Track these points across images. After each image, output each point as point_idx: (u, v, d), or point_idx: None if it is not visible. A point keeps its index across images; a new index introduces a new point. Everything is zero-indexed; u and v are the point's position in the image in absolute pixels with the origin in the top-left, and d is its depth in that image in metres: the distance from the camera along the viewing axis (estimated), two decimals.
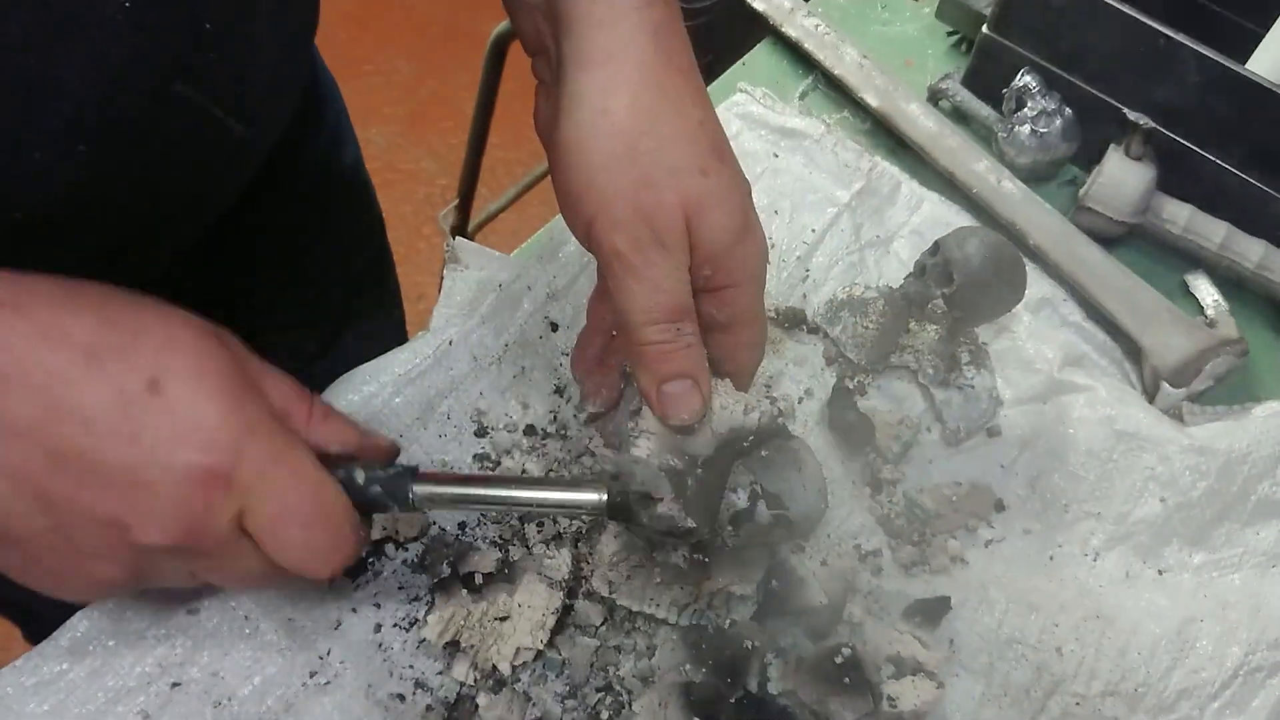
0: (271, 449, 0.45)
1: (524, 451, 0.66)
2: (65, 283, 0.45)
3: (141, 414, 0.43)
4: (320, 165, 0.89)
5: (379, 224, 1.05)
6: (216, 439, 0.44)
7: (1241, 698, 0.64)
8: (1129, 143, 0.80)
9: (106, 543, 0.44)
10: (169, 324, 0.45)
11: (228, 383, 0.45)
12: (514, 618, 0.60)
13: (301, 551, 0.47)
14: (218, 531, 0.45)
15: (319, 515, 0.47)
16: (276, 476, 0.45)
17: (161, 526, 0.44)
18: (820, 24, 0.91)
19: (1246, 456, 0.70)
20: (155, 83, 0.49)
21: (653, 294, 0.50)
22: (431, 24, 2.53)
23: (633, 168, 0.49)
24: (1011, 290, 0.67)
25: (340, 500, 0.48)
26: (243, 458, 0.44)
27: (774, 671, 0.59)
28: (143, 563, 0.46)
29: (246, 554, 0.47)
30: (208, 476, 0.44)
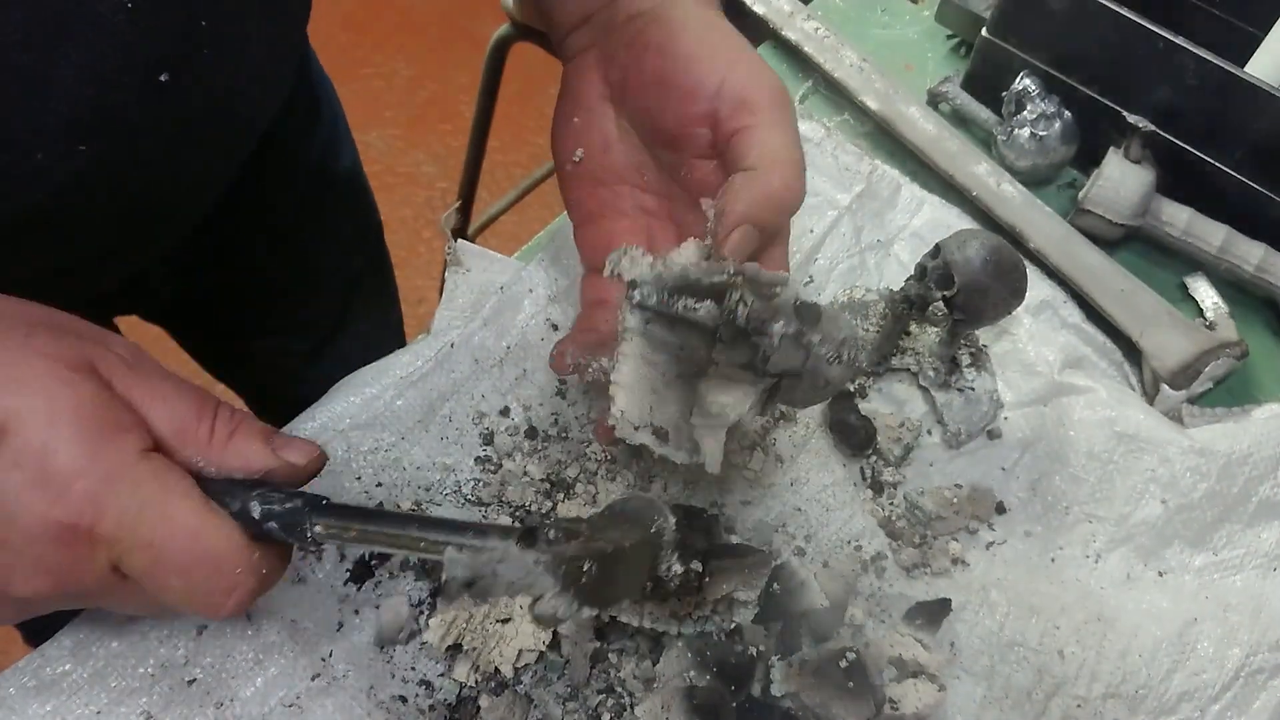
0: (136, 497, 0.41)
1: (525, 454, 0.66)
2: None
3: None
4: (317, 167, 0.89)
5: (377, 227, 1.05)
6: (71, 492, 0.40)
7: (1242, 699, 0.64)
8: (1128, 145, 0.81)
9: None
10: (23, 359, 0.41)
11: (86, 425, 0.41)
12: (515, 620, 0.60)
13: (184, 597, 0.44)
14: (92, 580, 0.42)
15: (197, 560, 0.43)
16: (144, 524, 0.42)
17: (27, 581, 0.42)
18: (820, 27, 0.91)
19: (1247, 458, 0.70)
20: (150, 80, 0.49)
21: (792, 134, 0.55)
22: (431, 27, 2.54)
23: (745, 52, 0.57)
24: (1012, 293, 0.67)
25: (226, 541, 0.44)
26: (103, 510, 0.41)
27: (777, 675, 0.59)
28: (32, 607, 0.44)
29: (135, 594, 0.44)
30: (65, 533, 0.40)
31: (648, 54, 0.57)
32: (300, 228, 0.91)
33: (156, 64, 0.49)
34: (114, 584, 0.43)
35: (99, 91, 0.47)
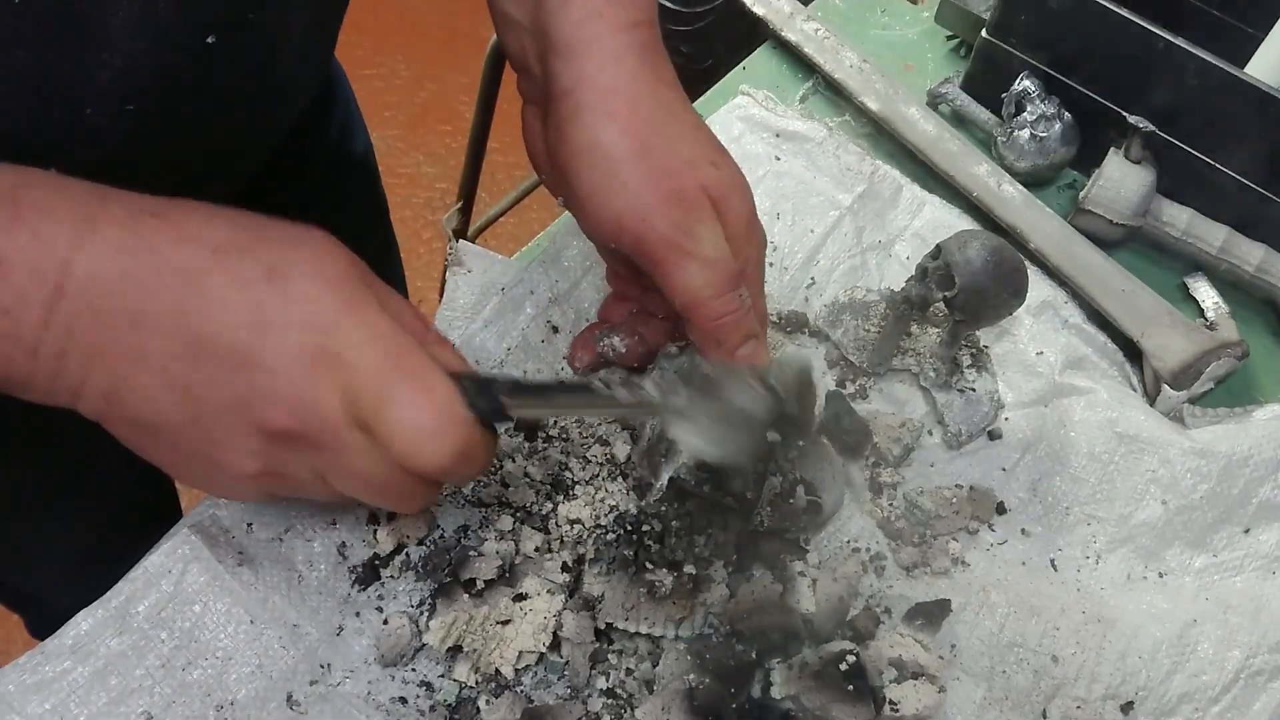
0: (377, 334, 0.46)
1: (525, 455, 0.66)
2: (206, 203, 0.47)
3: (259, 298, 0.45)
4: (333, 151, 0.91)
5: (385, 212, 1.07)
6: (325, 321, 0.45)
7: (1242, 701, 0.64)
8: (1129, 146, 0.81)
9: (237, 429, 0.46)
10: (297, 229, 0.48)
11: (345, 281, 0.47)
12: (515, 621, 0.60)
13: (406, 434, 0.47)
14: (329, 417, 0.46)
15: (422, 397, 0.47)
16: (381, 358, 0.46)
17: (278, 406, 0.45)
18: (820, 28, 0.91)
19: (1248, 459, 0.70)
20: (199, 42, 0.51)
21: (709, 267, 0.53)
22: (431, 27, 2.53)
23: (649, 160, 0.53)
24: (1013, 293, 0.67)
25: (445, 387, 0.48)
26: (349, 339, 0.46)
27: (777, 678, 0.59)
28: (273, 456, 0.47)
29: (362, 450, 0.47)
30: (316, 354, 0.45)
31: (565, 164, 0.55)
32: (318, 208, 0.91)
33: (205, 26, 0.51)
34: (346, 431, 0.46)
35: (152, 48, 0.49)
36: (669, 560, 0.59)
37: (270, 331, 0.45)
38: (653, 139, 0.53)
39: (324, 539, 0.61)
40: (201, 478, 0.50)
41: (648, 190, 0.53)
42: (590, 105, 0.54)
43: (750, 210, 0.56)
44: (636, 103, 0.54)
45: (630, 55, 0.54)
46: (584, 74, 0.54)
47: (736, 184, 0.56)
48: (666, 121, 0.54)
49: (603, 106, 0.53)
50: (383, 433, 0.47)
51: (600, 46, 0.54)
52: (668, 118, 0.55)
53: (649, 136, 0.53)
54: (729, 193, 0.55)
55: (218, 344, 0.44)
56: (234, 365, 0.45)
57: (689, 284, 0.53)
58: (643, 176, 0.53)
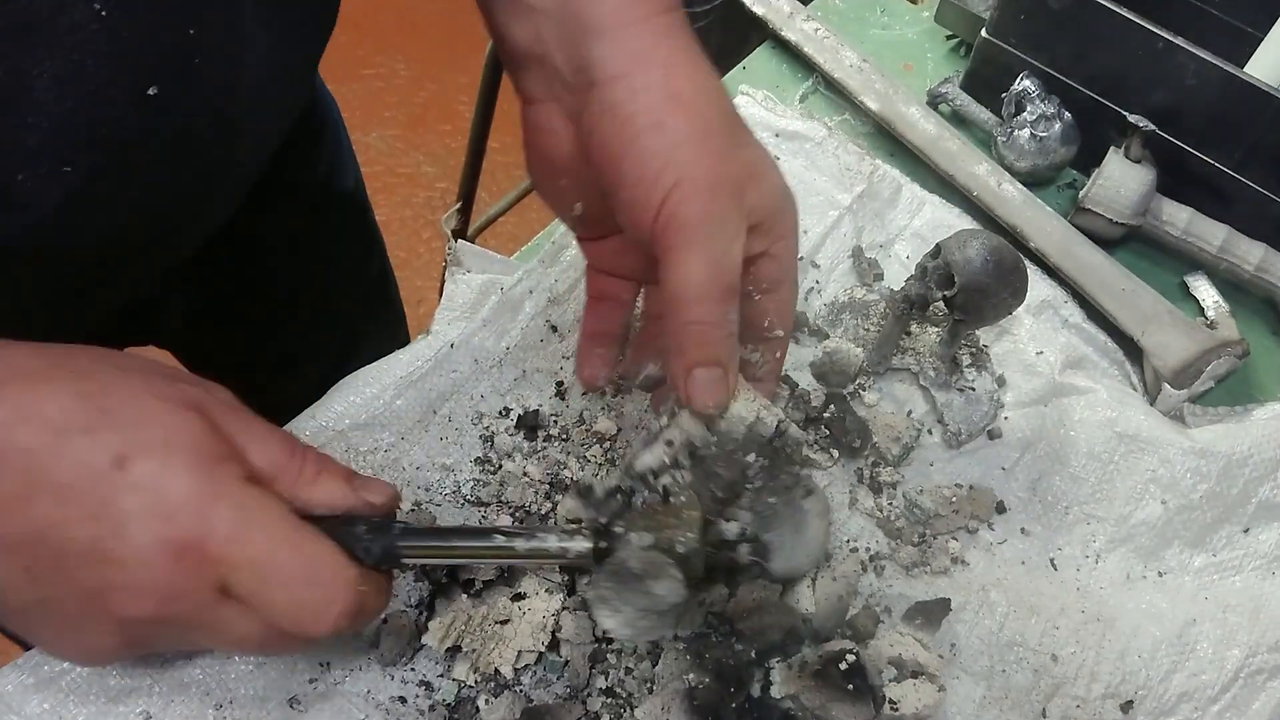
0: (242, 515, 0.45)
1: (525, 455, 0.66)
2: (48, 353, 0.45)
3: (109, 490, 0.43)
4: (322, 189, 0.89)
5: (380, 244, 1.05)
6: (182, 512, 0.44)
7: (1242, 700, 0.64)
8: (1128, 145, 0.81)
9: (92, 614, 0.45)
10: (141, 399, 0.45)
11: (197, 455, 0.45)
12: (514, 621, 0.59)
13: (289, 612, 0.46)
14: (195, 600, 0.45)
15: (300, 571, 0.46)
16: (250, 541, 0.45)
17: (136, 600, 0.44)
18: (819, 28, 0.91)
19: (1247, 459, 0.70)
20: (138, 93, 0.48)
21: (712, 267, 0.49)
22: (430, 27, 2.53)
23: (709, 143, 0.50)
24: (1012, 293, 0.67)
25: (326, 552, 0.47)
26: (212, 527, 0.44)
27: (777, 677, 0.59)
28: (133, 633, 0.46)
29: (237, 619, 0.46)
30: (176, 550, 0.43)
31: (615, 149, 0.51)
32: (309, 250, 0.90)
33: (143, 75, 0.48)
34: (218, 607, 0.45)
35: (81, 105, 0.46)
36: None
37: (123, 525, 0.43)
38: (714, 122, 0.51)
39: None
40: (56, 650, 0.50)
41: (703, 172, 0.50)
42: (655, 85, 0.51)
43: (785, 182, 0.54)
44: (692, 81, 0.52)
45: (679, 35, 0.53)
46: (640, 53, 0.51)
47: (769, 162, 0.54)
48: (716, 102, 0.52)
49: (668, 87, 0.51)
50: (265, 613, 0.46)
51: (653, 27, 0.52)
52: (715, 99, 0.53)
53: (711, 119, 0.51)
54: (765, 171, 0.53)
55: (68, 535, 0.43)
56: (85, 559, 0.43)
57: (685, 276, 0.49)
58: (703, 159, 0.50)
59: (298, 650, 0.53)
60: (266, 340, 0.95)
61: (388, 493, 0.52)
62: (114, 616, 0.45)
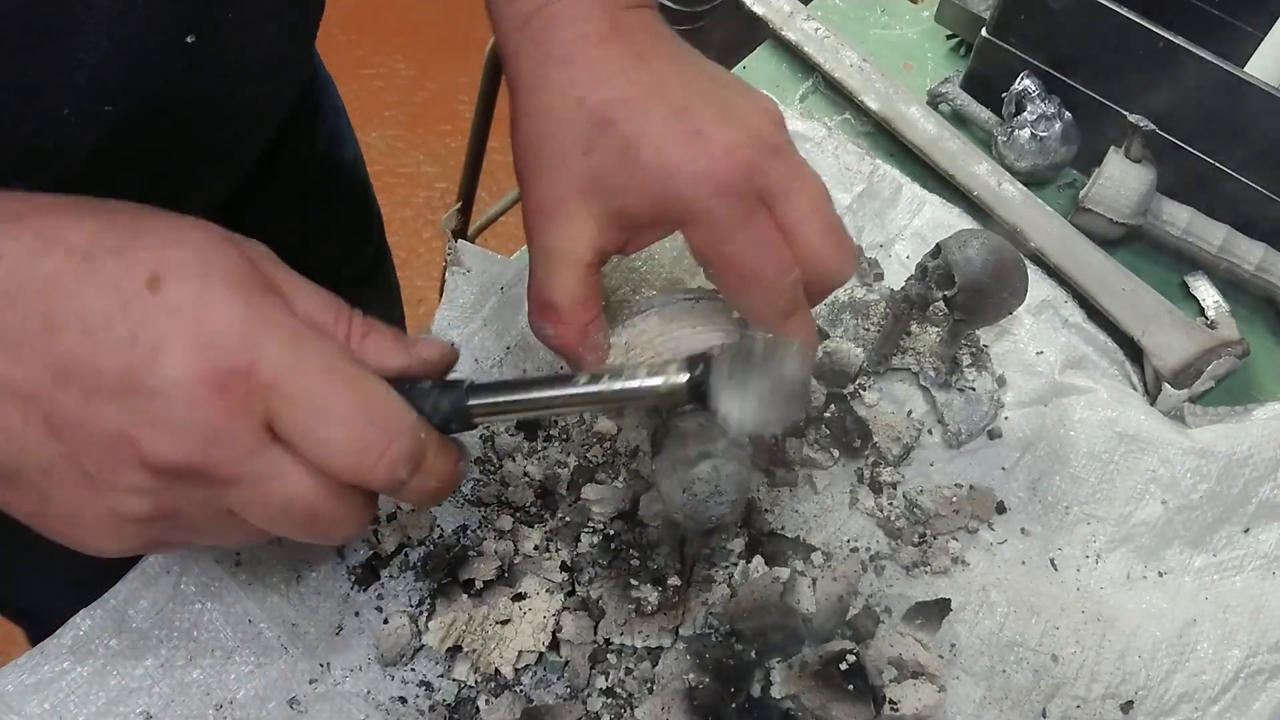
0: (294, 344, 0.40)
1: (525, 455, 0.66)
2: (71, 196, 0.41)
3: (141, 312, 0.38)
4: (321, 161, 0.90)
5: (378, 222, 1.06)
6: (226, 336, 0.39)
7: (1242, 700, 0.64)
8: (1129, 145, 0.81)
9: (119, 466, 0.39)
10: (175, 224, 0.41)
11: (238, 281, 0.40)
12: (515, 621, 0.60)
13: (347, 452, 0.41)
14: (240, 441, 0.39)
15: (361, 409, 0.41)
16: (304, 371, 0.40)
17: (173, 439, 0.38)
18: (819, 27, 0.91)
19: (1248, 459, 0.70)
20: (177, 41, 0.49)
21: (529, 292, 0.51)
22: (430, 27, 2.53)
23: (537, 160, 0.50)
24: (1012, 293, 0.67)
25: (387, 394, 0.43)
26: (261, 354, 0.39)
27: (777, 677, 0.59)
28: (165, 494, 0.40)
29: (283, 469, 0.40)
30: (218, 378, 0.38)
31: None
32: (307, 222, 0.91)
33: (183, 23, 0.49)
34: (259, 452, 0.40)
35: (125, 48, 0.47)
36: (653, 575, 0.59)
37: (158, 352, 0.38)
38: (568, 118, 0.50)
39: None
40: (71, 526, 0.42)
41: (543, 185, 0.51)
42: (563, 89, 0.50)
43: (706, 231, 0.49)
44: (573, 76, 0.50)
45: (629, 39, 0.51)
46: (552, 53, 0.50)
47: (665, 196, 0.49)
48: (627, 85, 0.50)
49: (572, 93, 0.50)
50: (317, 452, 0.40)
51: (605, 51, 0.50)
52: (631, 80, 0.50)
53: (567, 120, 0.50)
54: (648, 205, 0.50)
55: (95, 367, 0.38)
56: (116, 391, 0.38)
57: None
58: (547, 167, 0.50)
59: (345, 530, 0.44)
60: None
61: (443, 349, 0.48)
62: (146, 465, 0.39)
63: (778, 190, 0.49)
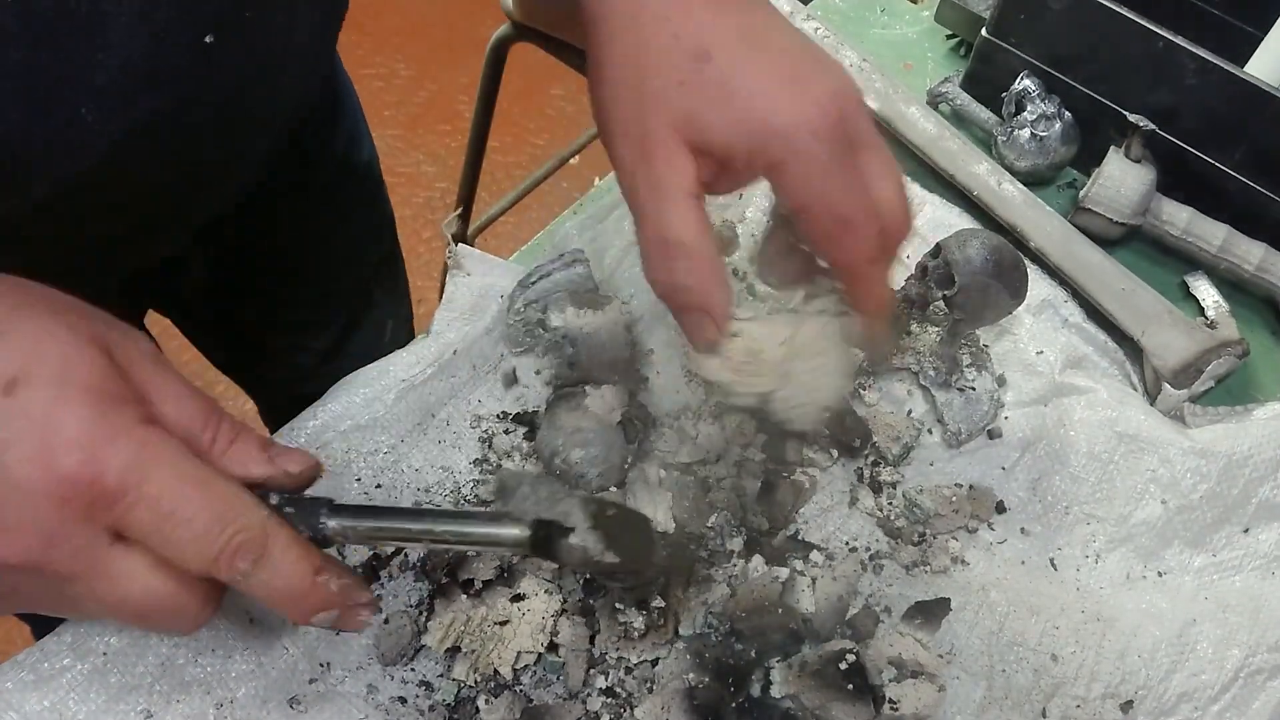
0: (142, 452, 0.41)
1: (524, 455, 0.66)
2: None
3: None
4: (340, 161, 0.91)
5: (390, 221, 1.07)
6: (72, 447, 0.39)
7: (1242, 700, 0.64)
8: (1129, 145, 0.81)
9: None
10: (44, 326, 0.41)
11: (95, 392, 0.41)
12: (514, 621, 0.60)
13: (194, 548, 0.42)
14: (78, 545, 0.40)
15: (208, 506, 0.42)
16: (151, 478, 0.41)
17: (10, 539, 0.39)
18: (819, 27, 0.91)
19: (1248, 459, 0.70)
20: (198, 40, 0.50)
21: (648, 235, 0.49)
22: (430, 27, 2.53)
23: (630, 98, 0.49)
24: (1012, 293, 0.67)
25: (231, 490, 0.43)
26: (107, 465, 0.40)
27: (776, 677, 0.59)
28: (6, 582, 0.41)
29: (128, 570, 0.42)
30: (60, 489, 0.39)
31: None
32: (323, 220, 0.92)
33: (203, 24, 0.50)
34: (109, 553, 0.41)
35: (149, 47, 0.48)
36: (637, 599, 0.59)
37: (9, 454, 0.39)
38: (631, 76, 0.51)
39: None
40: None
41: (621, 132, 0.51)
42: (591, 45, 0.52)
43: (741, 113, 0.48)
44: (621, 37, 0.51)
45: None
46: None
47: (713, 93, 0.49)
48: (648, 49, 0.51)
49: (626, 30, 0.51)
50: (164, 549, 0.42)
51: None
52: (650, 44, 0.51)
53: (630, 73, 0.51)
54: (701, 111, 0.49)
55: None
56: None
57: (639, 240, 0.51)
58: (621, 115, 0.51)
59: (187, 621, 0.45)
60: (278, 309, 0.97)
61: (307, 462, 0.49)
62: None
63: (862, 142, 0.50)
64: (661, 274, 0.49)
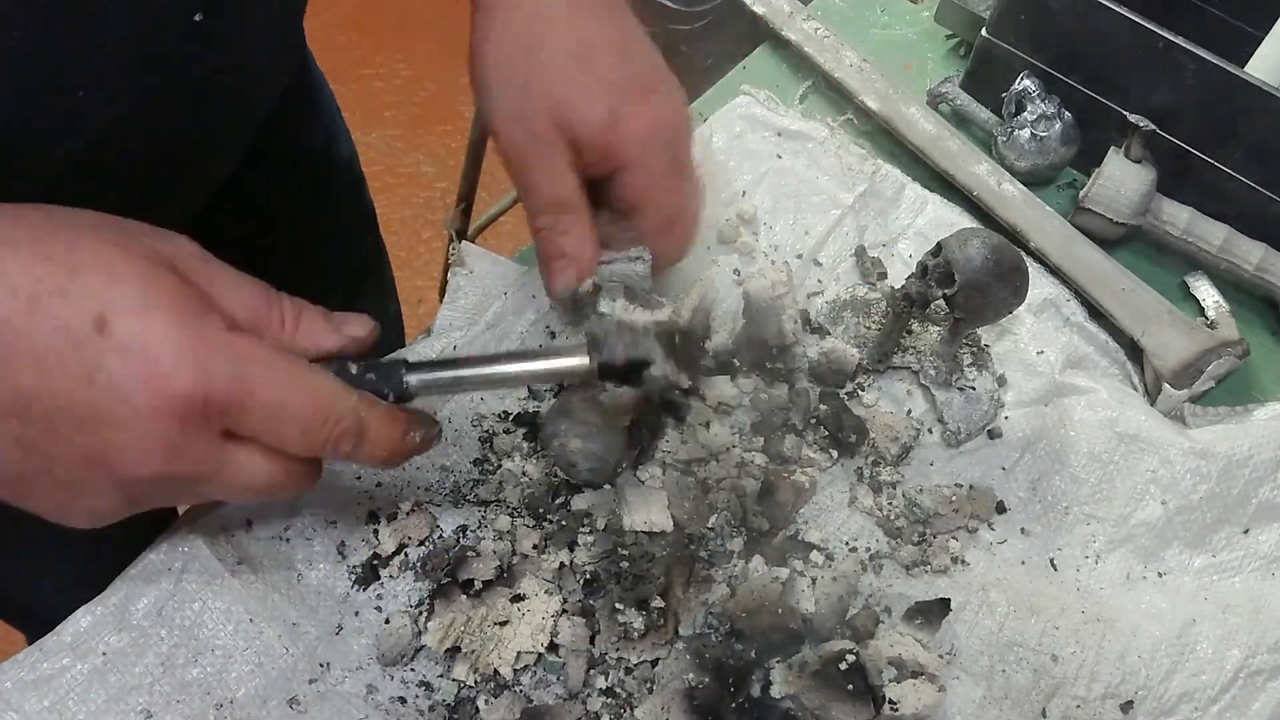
0: (238, 360, 0.44)
1: (524, 455, 0.66)
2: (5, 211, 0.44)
3: (94, 354, 0.42)
4: (320, 155, 0.91)
5: (373, 219, 1.08)
6: (175, 367, 0.43)
7: (1241, 700, 0.64)
8: (1129, 145, 0.81)
9: (92, 477, 0.44)
10: (108, 256, 0.44)
11: (178, 309, 0.44)
12: (514, 622, 0.59)
13: (298, 438, 0.47)
14: (199, 452, 0.44)
15: (309, 403, 0.46)
16: (254, 384, 0.45)
17: (142, 460, 0.43)
18: (820, 27, 0.91)
19: (1248, 460, 0.70)
20: (187, 20, 0.51)
21: (531, 191, 0.59)
22: (430, 28, 2.53)
23: (515, 77, 0.58)
24: (1013, 292, 0.67)
25: (330, 384, 0.48)
26: (211, 378, 0.43)
27: (776, 677, 0.59)
28: (136, 492, 0.45)
29: (246, 462, 0.46)
30: (178, 407, 0.43)
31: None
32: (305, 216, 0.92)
33: (193, 2, 0.51)
34: (225, 453, 0.46)
35: (143, 28, 0.49)
36: (637, 599, 0.59)
37: (117, 389, 0.42)
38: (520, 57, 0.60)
39: (324, 538, 0.61)
40: (59, 516, 0.47)
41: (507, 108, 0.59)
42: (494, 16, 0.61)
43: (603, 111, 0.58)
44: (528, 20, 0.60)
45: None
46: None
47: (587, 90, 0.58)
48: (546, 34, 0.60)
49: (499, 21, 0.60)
50: (274, 444, 0.46)
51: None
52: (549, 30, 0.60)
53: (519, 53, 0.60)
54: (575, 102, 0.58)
55: (55, 403, 0.42)
56: (81, 424, 0.42)
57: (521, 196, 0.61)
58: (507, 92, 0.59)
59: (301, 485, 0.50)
60: None
61: (368, 324, 0.53)
62: (116, 478, 0.44)
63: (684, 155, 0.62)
64: (546, 231, 0.60)
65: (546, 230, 0.60)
